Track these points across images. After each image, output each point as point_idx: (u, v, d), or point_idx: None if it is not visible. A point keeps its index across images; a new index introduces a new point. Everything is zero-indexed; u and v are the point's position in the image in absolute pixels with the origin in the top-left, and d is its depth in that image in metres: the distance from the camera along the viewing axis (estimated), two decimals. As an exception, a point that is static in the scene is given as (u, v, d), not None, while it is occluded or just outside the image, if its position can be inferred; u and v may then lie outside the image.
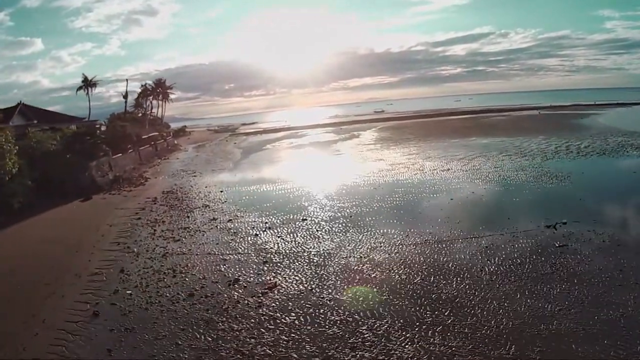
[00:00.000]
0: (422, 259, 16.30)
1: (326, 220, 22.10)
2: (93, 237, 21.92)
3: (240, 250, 18.69)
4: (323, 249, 18.02)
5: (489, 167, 33.37)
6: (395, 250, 17.28)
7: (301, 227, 21.27)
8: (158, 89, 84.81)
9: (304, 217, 22.88)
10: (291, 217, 23.24)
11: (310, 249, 18.12)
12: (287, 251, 18.14)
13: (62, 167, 33.96)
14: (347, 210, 23.64)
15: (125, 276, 16.59)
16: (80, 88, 65.81)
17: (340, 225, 21.12)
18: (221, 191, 31.70)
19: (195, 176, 40.70)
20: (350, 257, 16.93)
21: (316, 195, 27.96)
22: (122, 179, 39.49)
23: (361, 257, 16.86)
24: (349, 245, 18.19)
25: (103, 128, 55.43)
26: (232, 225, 22.42)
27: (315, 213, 23.70)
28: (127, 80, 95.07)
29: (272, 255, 17.69)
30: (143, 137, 60.02)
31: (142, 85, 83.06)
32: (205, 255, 18.23)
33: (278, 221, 22.60)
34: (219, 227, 22.37)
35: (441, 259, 16.22)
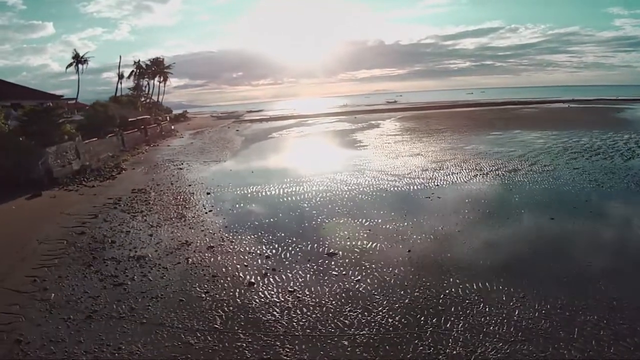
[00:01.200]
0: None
1: (370, 259, 13.13)
2: (7, 263, 14.03)
3: (217, 322, 9.92)
4: (377, 333, 9.20)
5: (567, 169, 25.03)
6: (522, 337, 8.61)
7: (329, 272, 12.34)
8: (153, 67, 76.70)
9: (332, 251, 13.81)
10: (309, 247, 14.28)
11: (353, 330, 9.29)
12: (309, 331, 9.39)
13: (11, 153, 26.44)
14: (400, 239, 14.73)
15: (20, 355, 8.93)
16: (70, 65, 61.87)
17: (397, 272, 12.11)
18: (208, 193, 23.05)
19: (181, 169, 32.26)
20: (438, 356, 8.23)
21: (344, 208, 18.95)
22: (89, 169, 31.56)
23: (460, 354, 8.24)
24: (425, 323, 9.41)
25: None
26: (212, 259, 13.66)
27: (349, 242, 14.57)
28: (120, 56, 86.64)
29: (279, 343, 9.00)
30: (130, 120, 52.34)
31: (134, 63, 74.99)
32: (154, 328, 9.72)
33: (288, 255, 13.77)
34: (191, 260, 13.63)
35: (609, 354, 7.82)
